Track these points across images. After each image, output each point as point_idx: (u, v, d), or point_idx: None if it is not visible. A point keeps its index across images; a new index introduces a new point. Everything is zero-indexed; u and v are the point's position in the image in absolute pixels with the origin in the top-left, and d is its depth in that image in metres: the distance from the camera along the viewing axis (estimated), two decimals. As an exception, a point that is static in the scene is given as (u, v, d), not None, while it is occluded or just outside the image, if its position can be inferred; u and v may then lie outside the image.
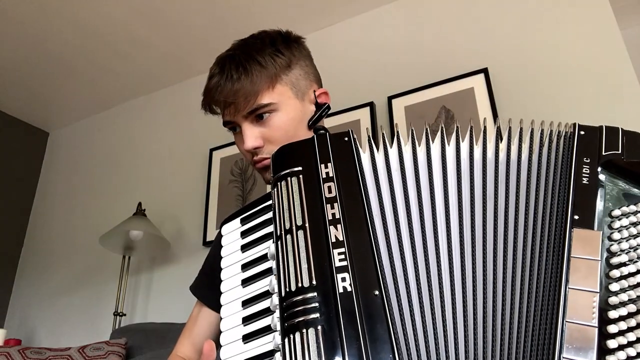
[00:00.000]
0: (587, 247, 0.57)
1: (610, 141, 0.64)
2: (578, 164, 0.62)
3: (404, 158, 0.65)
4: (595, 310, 0.54)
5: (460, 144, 0.66)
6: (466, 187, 0.64)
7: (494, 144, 0.66)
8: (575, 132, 0.65)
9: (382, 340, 0.52)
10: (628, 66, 1.75)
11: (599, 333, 0.53)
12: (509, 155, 0.65)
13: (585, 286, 0.55)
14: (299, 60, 0.91)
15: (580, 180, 0.61)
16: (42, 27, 2.43)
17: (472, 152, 0.66)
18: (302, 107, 0.90)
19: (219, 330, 0.66)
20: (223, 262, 0.71)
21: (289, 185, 0.63)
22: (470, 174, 0.65)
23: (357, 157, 0.65)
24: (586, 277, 0.56)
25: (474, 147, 0.66)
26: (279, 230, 0.61)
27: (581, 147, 0.64)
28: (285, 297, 0.56)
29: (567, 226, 0.59)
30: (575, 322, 0.54)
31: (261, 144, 0.86)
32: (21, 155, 3.15)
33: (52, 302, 2.75)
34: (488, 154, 0.66)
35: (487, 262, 0.60)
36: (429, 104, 2.06)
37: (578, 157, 0.63)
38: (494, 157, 0.65)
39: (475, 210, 0.63)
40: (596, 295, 0.54)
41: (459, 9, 2.18)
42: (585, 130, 0.65)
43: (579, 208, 0.59)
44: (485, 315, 0.58)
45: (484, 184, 0.64)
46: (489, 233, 0.62)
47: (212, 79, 0.88)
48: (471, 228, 0.62)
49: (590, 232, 0.58)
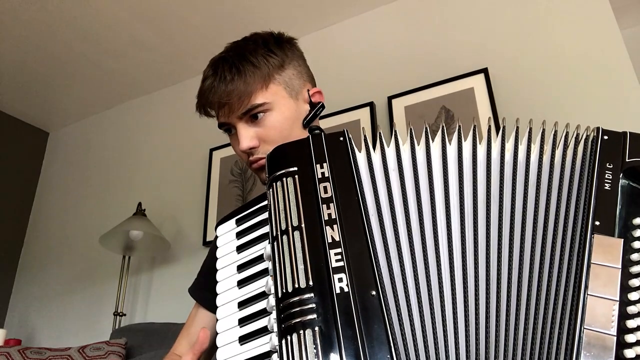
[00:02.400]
0: (608, 254, 0.56)
1: (634, 147, 0.62)
2: (600, 169, 0.61)
3: (402, 157, 0.65)
4: (615, 318, 0.53)
5: (462, 143, 0.65)
6: (468, 187, 0.63)
7: (499, 143, 0.65)
8: (598, 136, 0.63)
9: (380, 340, 0.52)
10: (628, 66, 1.74)
11: (617, 342, 0.52)
12: (515, 155, 0.64)
13: (604, 294, 0.54)
14: (291, 60, 0.91)
15: (602, 186, 0.60)
16: (42, 27, 2.43)
17: (475, 151, 0.64)
18: (297, 106, 0.90)
19: (216, 331, 0.66)
20: (219, 263, 0.71)
21: (284, 185, 0.62)
22: (473, 174, 0.63)
23: (352, 157, 0.64)
24: (606, 284, 0.55)
25: (477, 147, 0.65)
26: (275, 231, 0.60)
27: (604, 152, 0.62)
28: (282, 298, 0.56)
29: (587, 232, 0.57)
30: (594, 330, 0.53)
31: (256, 144, 0.86)
32: (21, 155, 3.15)
33: (52, 302, 2.75)
34: (493, 154, 0.64)
35: (490, 263, 0.59)
36: (429, 104, 2.06)
37: (601, 162, 0.61)
38: (499, 157, 0.64)
39: (478, 210, 0.62)
40: (616, 304, 0.54)
41: (458, 9, 2.18)
42: (609, 135, 0.63)
43: (600, 214, 0.58)
44: (488, 317, 0.57)
45: (487, 184, 0.63)
46: (492, 234, 0.61)
47: (205, 81, 0.88)
48: (473, 229, 0.61)
49: (611, 239, 0.57)
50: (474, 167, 0.64)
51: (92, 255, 2.70)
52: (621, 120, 1.67)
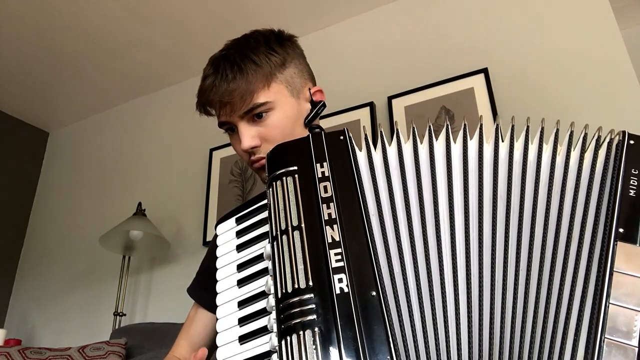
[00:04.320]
0: (632, 263, 0.54)
1: None
2: (625, 174, 0.59)
3: (404, 156, 0.63)
4: (637, 329, 0.51)
5: (468, 141, 0.63)
6: (473, 186, 0.61)
7: (508, 142, 0.63)
8: (624, 140, 0.61)
9: (380, 341, 0.52)
10: (628, 66, 1.74)
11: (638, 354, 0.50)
12: (525, 155, 0.62)
13: (627, 303, 0.53)
14: (293, 58, 0.90)
15: (627, 192, 0.58)
16: (42, 27, 2.43)
17: (481, 149, 0.62)
18: (298, 105, 0.89)
19: (216, 331, 0.66)
20: (218, 262, 0.71)
21: (284, 184, 0.62)
22: (479, 173, 0.61)
23: (353, 156, 0.63)
24: (629, 294, 0.53)
25: (484, 145, 0.63)
26: (275, 231, 0.60)
27: (630, 157, 0.60)
28: (281, 298, 0.55)
29: (610, 238, 0.55)
30: (615, 340, 0.51)
31: (258, 144, 0.86)
32: (21, 155, 3.15)
33: (52, 302, 2.75)
34: (501, 152, 0.62)
35: (496, 264, 0.58)
36: (429, 104, 2.06)
37: (626, 167, 0.59)
38: (507, 156, 0.62)
39: (484, 210, 0.60)
40: (638, 314, 0.52)
41: (459, 9, 2.18)
42: (635, 139, 0.61)
43: (624, 221, 0.56)
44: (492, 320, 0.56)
45: (494, 183, 0.61)
46: (499, 234, 0.59)
47: (206, 79, 0.87)
48: (479, 229, 0.59)
49: (636, 248, 0.55)
50: (480, 166, 0.62)
51: (92, 255, 2.69)
52: (621, 120, 1.67)
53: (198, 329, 0.95)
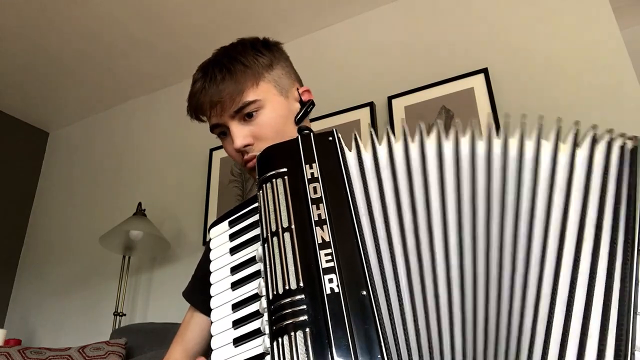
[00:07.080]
0: None
1: None
2: None
3: (394, 155, 0.62)
4: None
5: (460, 138, 0.61)
6: (467, 183, 0.59)
7: (502, 139, 0.60)
8: None
9: (371, 340, 0.52)
10: (628, 66, 1.74)
11: None
12: (521, 152, 0.59)
13: None
14: (279, 61, 0.94)
15: None
16: (42, 27, 2.44)
17: (473, 146, 0.60)
18: (288, 104, 0.91)
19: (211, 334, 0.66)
20: (212, 265, 0.71)
21: (274, 186, 0.62)
22: (472, 170, 0.59)
23: (342, 157, 0.63)
24: None
25: (477, 142, 0.60)
26: (265, 233, 0.60)
27: None
28: (273, 300, 0.55)
29: (634, 248, 0.53)
30: None
31: (251, 142, 0.87)
32: (21, 155, 3.16)
33: (52, 302, 2.75)
34: (495, 149, 0.60)
35: (491, 263, 0.57)
36: (429, 104, 2.06)
37: None
38: (502, 153, 0.59)
39: (478, 208, 0.58)
40: None
41: (459, 8, 2.17)
42: None
43: None
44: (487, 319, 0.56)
45: (488, 180, 0.59)
46: (493, 233, 0.57)
47: (195, 83, 0.90)
48: (472, 227, 0.58)
49: None
50: (472, 163, 0.60)
51: (92, 255, 2.70)
52: (621, 120, 1.66)
53: (194, 332, 0.95)
